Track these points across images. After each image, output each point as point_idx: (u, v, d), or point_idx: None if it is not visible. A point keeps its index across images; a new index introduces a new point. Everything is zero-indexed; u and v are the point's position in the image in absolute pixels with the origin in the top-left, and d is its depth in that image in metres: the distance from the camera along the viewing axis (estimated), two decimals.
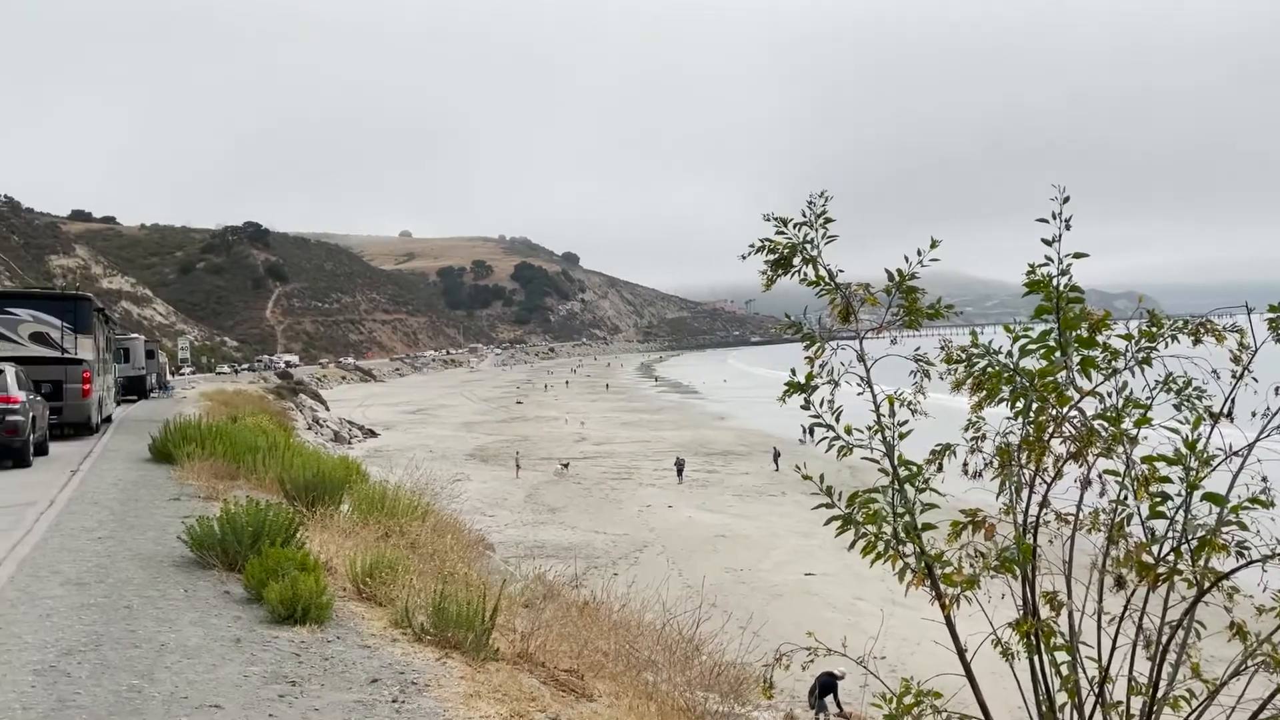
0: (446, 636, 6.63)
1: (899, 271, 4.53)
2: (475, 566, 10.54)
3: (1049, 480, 4.39)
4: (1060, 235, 4.26)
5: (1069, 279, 4.27)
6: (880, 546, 4.36)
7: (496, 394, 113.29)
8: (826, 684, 14.37)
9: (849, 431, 4.44)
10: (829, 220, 4.55)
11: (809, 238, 4.59)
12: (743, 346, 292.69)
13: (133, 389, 42.29)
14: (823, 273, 4.62)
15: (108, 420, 27.05)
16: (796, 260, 4.75)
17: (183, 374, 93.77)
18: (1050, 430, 4.27)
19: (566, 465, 47.48)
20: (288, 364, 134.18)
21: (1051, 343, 4.27)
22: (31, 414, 16.94)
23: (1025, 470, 4.38)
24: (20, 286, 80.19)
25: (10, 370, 17.02)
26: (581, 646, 7.56)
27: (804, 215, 4.59)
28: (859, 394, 4.54)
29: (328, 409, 75.41)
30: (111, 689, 5.03)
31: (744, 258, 5.11)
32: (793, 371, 4.70)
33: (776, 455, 45.51)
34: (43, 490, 13.16)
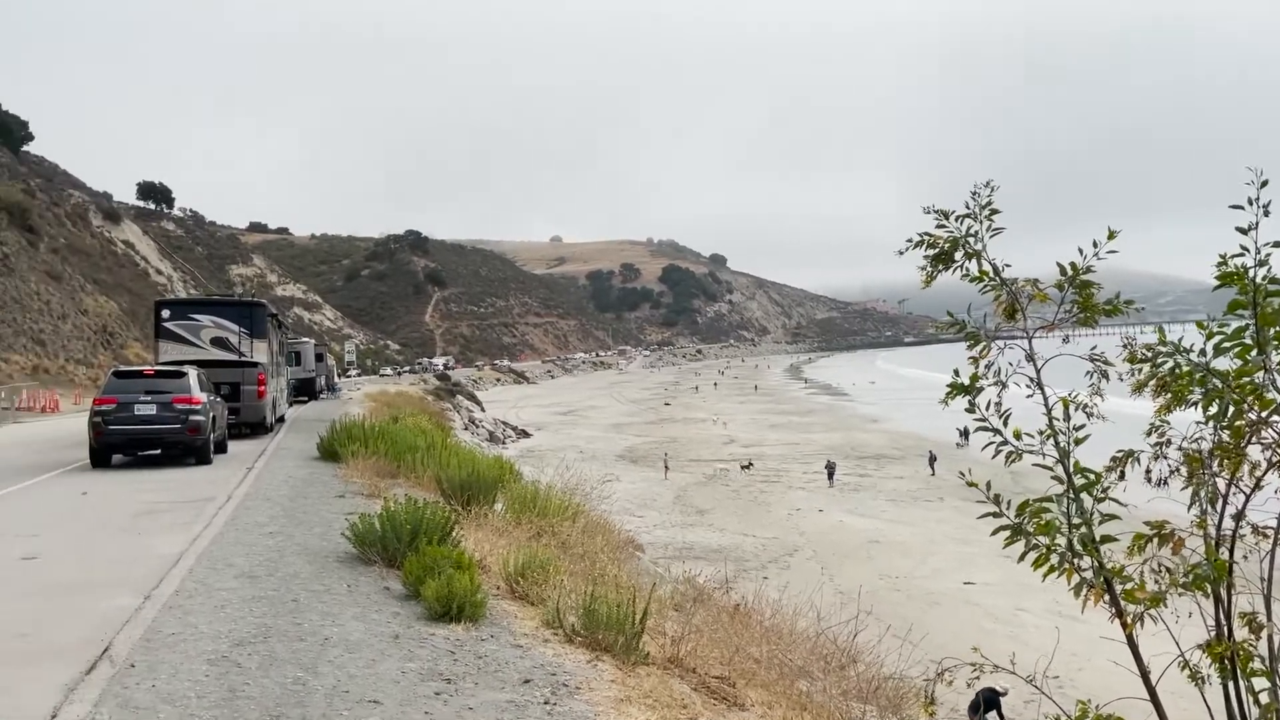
0: (597, 638, 6.63)
1: (1072, 265, 4.20)
2: (625, 568, 10.55)
3: (1247, 491, 3.99)
4: (1257, 222, 3.86)
5: (1268, 270, 3.86)
6: (1054, 559, 4.06)
7: (645, 395, 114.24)
8: (989, 700, 13.72)
9: (1018, 436, 4.15)
10: (994, 211, 4.27)
11: (972, 231, 4.32)
12: (896, 347, 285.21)
13: (303, 390, 44.72)
14: (987, 267, 4.34)
15: (281, 420, 28.60)
16: (958, 255, 4.48)
17: (349, 376, 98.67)
18: (1248, 436, 3.87)
19: (748, 466, 46.38)
20: (446, 366, 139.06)
21: (1248, 340, 3.87)
22: (212, 414, 18.02)
23: (1219, 480, 3.99)
24: (204, 294, 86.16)
25: (193, 373, 18.14)
26: (733, 653, 7.42)
27: (967, 207, 4.32)
28: (1028, 396, 4.24)
29: (483, 410, 77.75)
30: (278, 681, 5.22)
31: (901, 253, 4.88)
32: (955, 372, 4.44)
33: (932, 459, 44.09)
34: (221, 486, 13.99)
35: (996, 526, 4.20)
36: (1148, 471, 4.18)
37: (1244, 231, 3.90)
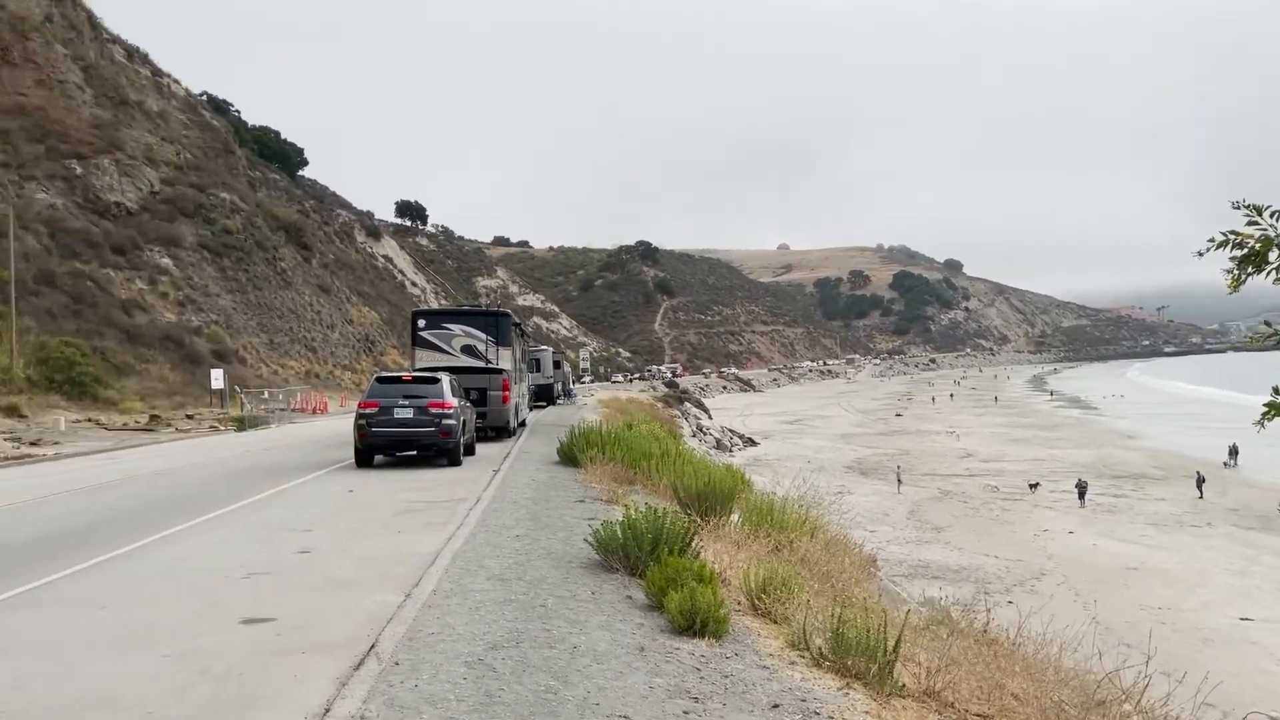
0: (847, 664, 6.30)
1: None
2: (867, 588, 10.10)
3: None
4: None
5: None
6: None
7: (874, 405, 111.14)
8: None
9: None
10: None
11: None
12: (1154, 358, 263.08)
13: (542, 396, 46.62)
14: None
15: (522, 424, 29.83)
16: (1273, 255, 3.87)
17: (583, 382, 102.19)
18: None
19: (1035, 486, 43.56)
20: (674, 373, 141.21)
21: None
22: (462, 418, 18.96)
23: None
24: (454, 305, 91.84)
25: (446, 379, 19.17)
26: (991, 688, 6.87)
27: None
28: None
29: (710, 417, 78.21)
30: (531, 688, 5.26)
31: (1200, 254, 4.31)
32: (1275, 390, 3.83)
33: (1200, 481, 40.16)
34: (471, 488, 14.64)
35: None
36: None
37: None
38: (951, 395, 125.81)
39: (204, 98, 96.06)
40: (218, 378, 43.62)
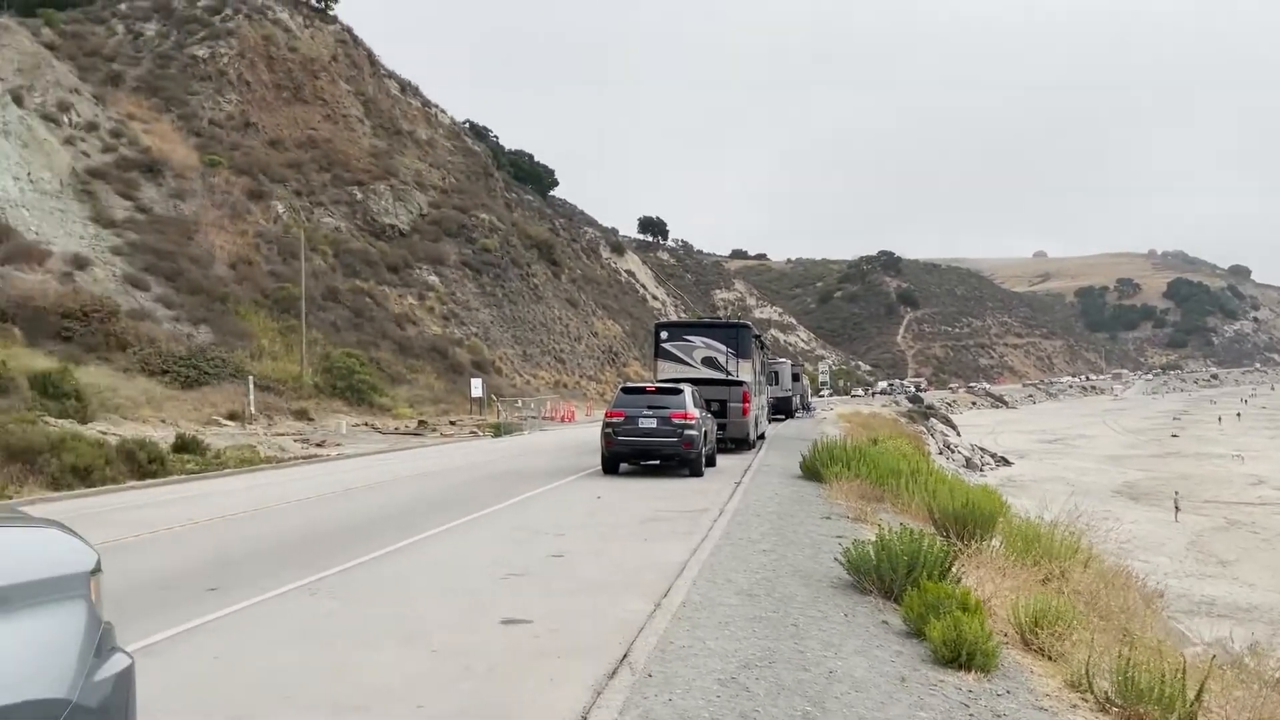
0: (1139, 712, 5.64)
1: None
2: (1154, 626, 9.11)
3: None
4: None
5: None
6: None
7: (1146, 425, 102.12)
8: None
9: None
10: None
11: None
12: None
13: (780, 409, 46.19)
14: None
15: (761, 437, 29.63)
16: None
17: (821, 396, 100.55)
18: None
19: None
20: (918, 388, 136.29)
21: None
22: (704, 429, 19.01)
23: None
24: (694, 317, 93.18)
25: (688, 390, 19.30)
26: None
27: None
28: None
29: (958, 434, 74.76)
30: (786, 711, 5.03)
31: None
32: None
33: None
34: (713, 499, 14.60)
35: None
36: None
37: None
38: (1238, 415, 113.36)
39: (466, 125, 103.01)
40: (477, 386, 46.39)
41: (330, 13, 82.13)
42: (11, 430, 17.52)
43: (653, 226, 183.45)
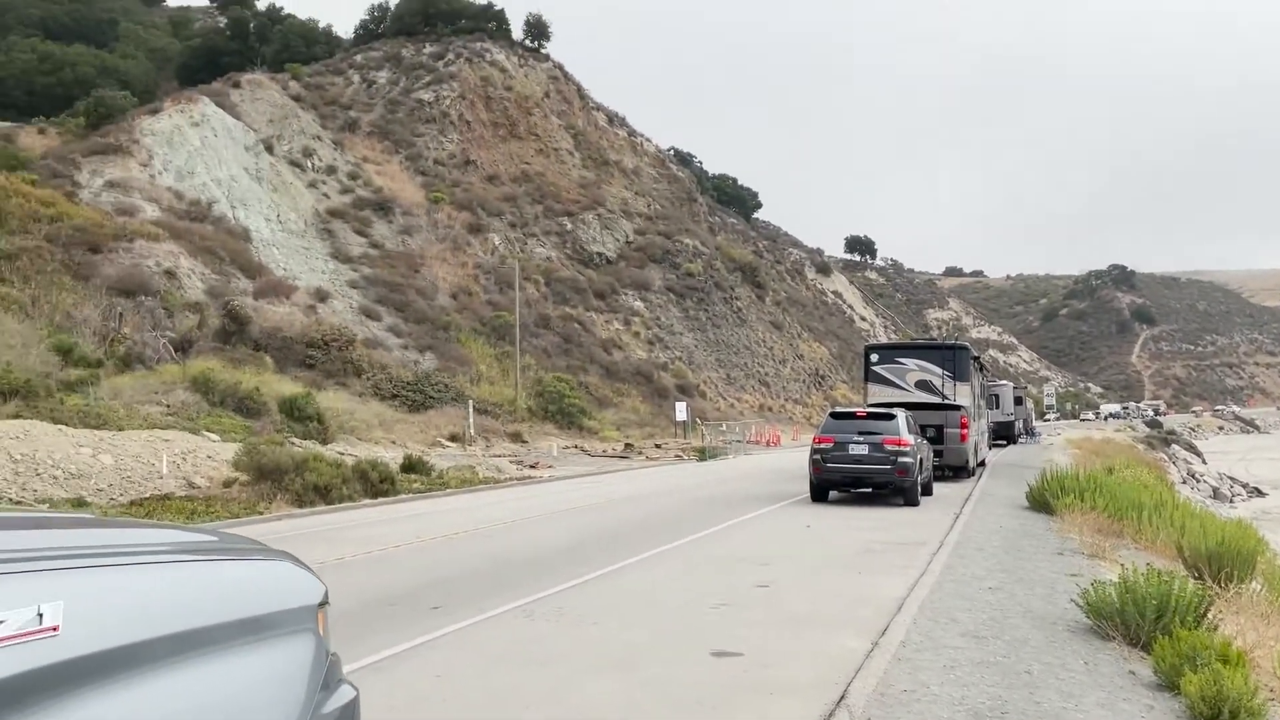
0: None
1: None
2: None
3: None
4: None
5: None
6: None
7: None
8: None
9: None
10: None
11: None
12: None
13: (1001, 434, 43.83)
14: None
15: (981, 464, 28.12)
16: None
17: (1047, 420, 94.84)
18: None
19: None
20: (1156, 411, 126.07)
21: None
22: (919, 456, 18.22)
23: None
24: (905, 339, 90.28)
25: (901, 415, 18.56)
26: None
27: None
28: None
29: (1204, 462, 68.53)
30: None
31: None
32: None
33: None
34: (931, 530, 13.91)
35: None
36: None
37: None
38: None
39: (670, 152, 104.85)
40: (681, 410, 46.75)
41: (543, 50, 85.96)
42: (264, 451, 19.11)
43: (860, 245, 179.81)
